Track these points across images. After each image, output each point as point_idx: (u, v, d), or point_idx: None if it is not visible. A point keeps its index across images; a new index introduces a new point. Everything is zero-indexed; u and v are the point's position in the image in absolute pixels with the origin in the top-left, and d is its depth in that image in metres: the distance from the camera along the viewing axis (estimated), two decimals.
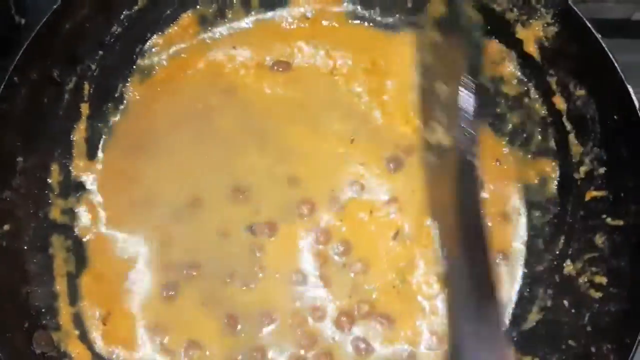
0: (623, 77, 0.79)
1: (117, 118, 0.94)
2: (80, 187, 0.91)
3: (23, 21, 1.02)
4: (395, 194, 0.92)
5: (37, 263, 0.83)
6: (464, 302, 0.70)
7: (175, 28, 0.97)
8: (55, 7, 0.80)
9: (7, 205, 0.81)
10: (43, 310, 0.82)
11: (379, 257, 0.90)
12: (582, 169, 0.87)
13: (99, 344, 0.86)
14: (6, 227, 0.80)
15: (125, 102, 0.95)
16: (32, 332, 0.79)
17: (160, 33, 0.96)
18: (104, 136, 0.93)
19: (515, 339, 0.89)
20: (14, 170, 0.82)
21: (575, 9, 0.82)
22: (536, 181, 0.94)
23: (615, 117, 0.82)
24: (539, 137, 0.93)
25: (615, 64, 0.79)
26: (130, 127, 0.94)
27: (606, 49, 0.80)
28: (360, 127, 0.95)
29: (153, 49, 0.96)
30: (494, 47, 0.93)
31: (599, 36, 0.80)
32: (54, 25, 0.81)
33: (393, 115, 0.95)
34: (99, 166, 0.92)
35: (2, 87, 0.77)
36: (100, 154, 0.93)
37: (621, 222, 0.81)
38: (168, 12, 0.96)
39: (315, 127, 0.94)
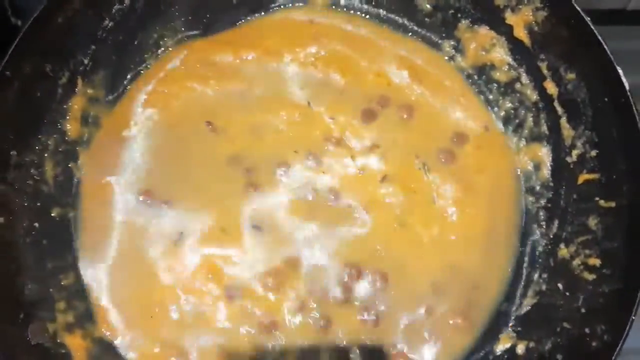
0: (612, 58, 0.79)
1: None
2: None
3: (19, 22, 1.02)
4: (376, 142, 0.93)
5: (32, 255, 0.84)
6: None
7: None
8: (45, 1, 0.80)
9: (1, 198, 0.81)
10: (38, 301, 0.82)
11: (373, 204, 0.91)
12: (575, 152, 0.87)
13: (96, 335, 0.86)
14: (1, 219, 0.80)
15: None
16: (27, 323, 0.80)
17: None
18: None
19: (510, 324, 0.89)
20: (7, 165, 0.82)
21: None
22: (530, 167, 0.94)
23: (605, 99, 0.82)
24: (531, 123, 0.93)
25: (605, 46, 0.79)
26: None
27: (595, 31, 0.80)
28: (319, 91, 0.95)
29: None
30: (484, 33, 0.94)
31: (587, 19, 0.80)
32: (46, 19, 0.82)
33: (357, 74, 0.96)
34: None
35: None
36: None
37: (613, 204, 0.81)
38: (161, 7, 0.96)
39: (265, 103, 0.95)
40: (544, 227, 0.91)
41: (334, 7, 1.00)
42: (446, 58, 0.98)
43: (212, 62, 0.97)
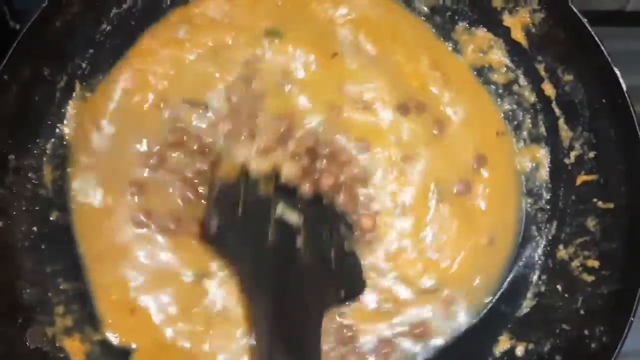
0: (610, 60, 0.79)
1: None
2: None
3: (18, 26, 1.02)
4: (407, 150, 0.89)
5: (31, 259, 0.84)
6: None
7: None
8: (44, 5, 0.80)
9: (0, 202, 0.81)
10: (37, 305, 0.82)
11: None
12: (573, 153, 0.88)
13: (95, 339, 0.85)
14: None
15: None
16: (26, 327, 0.80)
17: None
18: None
19: (509, 325, 0.89)
20: (6, 168, 0.82)
21: None
22: (528, 169, 0.94)
23: (603, 100, 0.82)
24: (530, 125, 0.93)
25: (602, 47, 0.80)
26: None
27: (592, 32, 0.80)
28: (347, 51, 0.89)
29: None
30: (482, 35, 0.94)
31: (585, 20, 0.81)
32: (44, 22, 0.81)
33: (396, 54, 0.91)
34: None
35: None
36: None
37: (611, 205, 0.82)
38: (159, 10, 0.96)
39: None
40: (543, 228, 0.91)
41: None
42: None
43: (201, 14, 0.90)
